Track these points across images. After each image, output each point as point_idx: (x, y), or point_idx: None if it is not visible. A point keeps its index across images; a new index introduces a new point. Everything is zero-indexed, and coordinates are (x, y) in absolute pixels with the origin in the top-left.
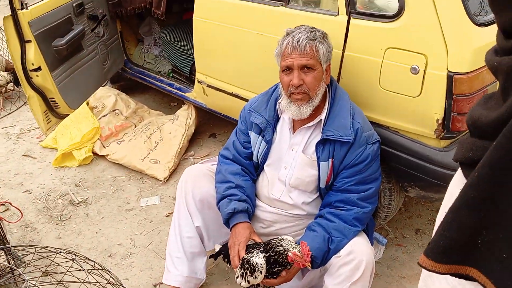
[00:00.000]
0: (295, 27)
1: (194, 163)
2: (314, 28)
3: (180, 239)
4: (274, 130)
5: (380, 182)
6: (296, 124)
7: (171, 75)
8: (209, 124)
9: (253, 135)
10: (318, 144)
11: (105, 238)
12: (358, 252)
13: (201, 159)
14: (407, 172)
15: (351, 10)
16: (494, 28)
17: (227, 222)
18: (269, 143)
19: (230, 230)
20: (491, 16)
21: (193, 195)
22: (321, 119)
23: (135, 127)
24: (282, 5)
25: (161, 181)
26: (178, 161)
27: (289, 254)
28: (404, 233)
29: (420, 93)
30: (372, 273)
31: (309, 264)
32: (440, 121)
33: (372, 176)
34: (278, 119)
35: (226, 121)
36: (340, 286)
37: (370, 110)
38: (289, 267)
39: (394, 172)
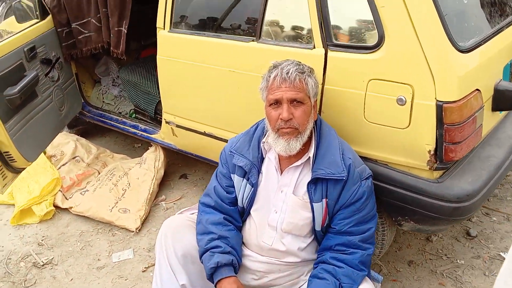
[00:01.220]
0: (281, 60)
1: (167, 208)
2: (300, 62)
3: None
4: (259, 171)
5: (377, 219)
6: (283, 164)
7: (133, 115)
8: (178, 164)
9: (236, 179)
10: (309, 184)
11: None
12: None
13: (174, 203)
14: (401, 206)
15: (328, 42)
16: (476, 53)
17: (211, 278)
18: (255, 186)
19: (215, 286)
20: (472, 41)
21: (174, 250)
22: (309, 157)
23: (99, 174)
24: (253, 40)
25: (132, 231)
26: (149, 208)
27: None
28: (397, 266)
29: (409, 125)
30: None
31: None
32: (432, 152)
33: (370, 214)
34: (262, 159)
35: (195, 160)
36: None
37: (356, 144)
38: None
39: (386, 206)
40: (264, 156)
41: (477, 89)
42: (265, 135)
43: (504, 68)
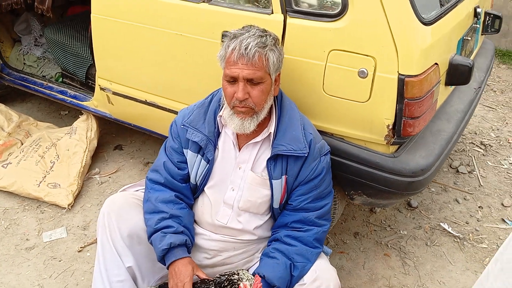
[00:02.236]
0: (243, 28)
1: (102, 183)
2: (265, 31)
3: (109, 285)
4: (215, 147)
5: (333, 195)
6: (241, 139)
7: (60, 80)
8: (111, 134)
9: (190, 154)
10: (269, 160)
11: None
12: (323, 277)
13: (109, 177)
14: (355, 181)
15: (287, 8)
16: (438, 26)
17: (162, 260)
18: (211, 162)
19: (167, 268)
20: (434, 13)
21: (119, 230)
22: (270, 133)
23: (22, 144)
24: (203, 1)
25: (64, 208)
26: (82, 182)
27: (240, 285)
28: (343, 238)
29: (369, 98)
30: None
31: None
32: (390, 127)
33: (326, 190)
34: (219, 134)
35: (131, 130)
36: None
37: (313, 117)
38: None
39: (339, 180)
40: (220, 131)
41: (436, 63)
42: (222, 107)
43: (458, 42)
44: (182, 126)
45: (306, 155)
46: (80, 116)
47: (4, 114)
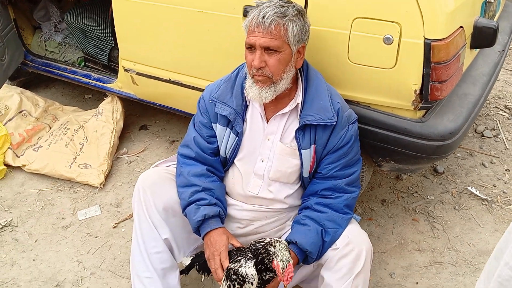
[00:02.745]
0: None
1: (130, 162)
2: (290, 2)
3: (147, 256)
4: (243, 120)
5: (361, 163)
6: (269, 111)
7: (82, 64)
8: (136, 115)
9: (219, 128)
10: (297, 130)
11: (45, 265)
12: (355, 241)
13: (137, 156)
14: (383, 147)
15: None
16: None
17: (197, 231)
18: (240, 135)
19: (203, 239)
20: None
21: (155, 204)
22: (297, 103)
23: (50, 128)
24: None
25: (96, 187)
26: (111, 162)
27: (274, 261)
28: (371, 205)
29: (396, 64)
30: (371, 260)
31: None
32: (418, 92)
33: (355, 158)
34: (246, 107)
35: (155, 110)
36: (342, 281)
37: (339, 86)
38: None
39: (367, 148)
40: (248, 104)
41: (461, 26)
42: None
43: (482, 5)
44: (210, 101)
45: (334, 123)
46: (105, 98)
47: (31, 100)
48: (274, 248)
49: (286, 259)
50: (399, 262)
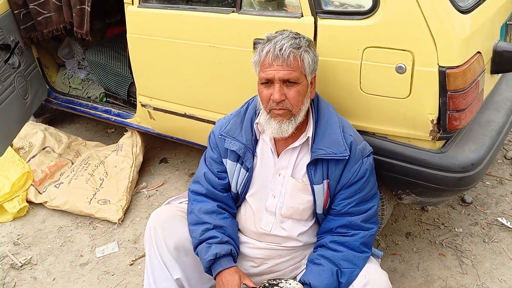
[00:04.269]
0: (276, 32)
1: (149, 196)
2: (299, 34)
3: None
4: (254, 155)
5: (379, 197)
6: (279, 145)
7: (104, 99)
8: (156, 148)
9: (229, 163)
10: (309, 165)
11: None
12: (374, 282)
13: (156, 190)
14: (402, 180)
15: (317, 9)
16: (476, 13)
17: (209, 270)
18: (250, 170)
19: (215, 278)
20: (472, 0)
21: (166, 243)
22: (308, 137)
23: (72, 164)
24: (233, 11)
25: (115, 223)
26: (130, 197)
27: None
28: (395, 239)
29: (410, 94)
30: None
31: None
32: (435, 121)
33: (371, 192)
34: (256, 141)
35: (175, 143)
36: None
37: (352, 117)
38: None
39: (385, 180)
40: (258, 138)
41: (479, 52)
42: (258, 115)
43: (501, 28)
44: (220, 136)
45: (347, 158)
46: (125, 133)
47: (54, 136)
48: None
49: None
50: None
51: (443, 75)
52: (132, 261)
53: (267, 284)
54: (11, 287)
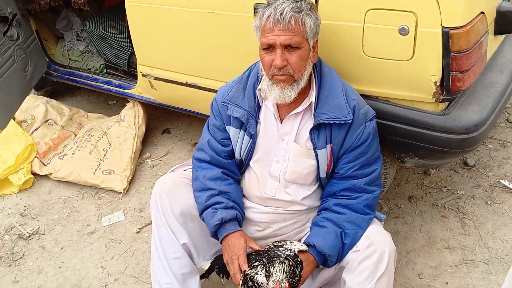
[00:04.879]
0: None
1: (153, 166)
2: None
3: (166, 262)
4: (257, 121)
5: (382, 160)
6: (282, 111)
7: (104, 71)
8: (159, 119)
9: (233, 130)
10: (312, 130)
11: (71, 272)
12: (377, 242)
13: (160, 160)
14: (405, 143)
15: None
16: None
17: (215, 235)
18: (254, 136)
19: (221, 243)
20: None
21: (172, 209)
22: (311, 102)
23: (75, 136)
24: None
25: (120, 193)
26: (134, 167)
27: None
28: (397, 203)
29: (413, 56)
30: (395, 261)
31: None
32: (438, 83)
33: (374, 156)
34: (259, 108)
35: (177, 113)
36: (365, 284)
37: (355, 82)
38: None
39: (389, 144)
40: (261, 104)
41: (482, 12)
42: (260, 81)
43: None
44: (222, 103)
45: (350, 121)
46: (126, 104)
47: (56, 109)
48: (273, 268)
49: (279, 280)
50: (427, 261)
51: (446, 35)
52: (138, 229)
53: (272, 246)
54: (20, 257)
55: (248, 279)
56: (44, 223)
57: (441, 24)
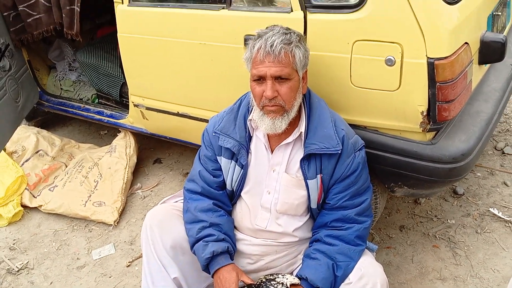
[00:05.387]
0: (266, 28)
1: (144, 197)
2: (289, 29)
3: None
4: (248, 151)
5: (372, 190)
6: (273, 141)
7: (96, 101)
8: (150, 148)
9: (224, 161)
10: (302, 160)
11: None
12: (369, 274)
13: (151, 190)
14: (394, 172)
15: (306, 4)
16: (463, 4)
17: (206, 268)
18: (245, 167)
19: (212, 276)
20: None
21: (162, 242)
22: (301, 132)
23: (66, 167)
24: (223, 8)
25: (111, 225)
26: (125, 198)
27: None
28: (389, 233)
29: (400, 86)
30: None
31: None
32: (425, 113)
33: (364, 186)
34: (250, 138)
35: (168, 143)
36: None
37: (344, 111)
38: None
39: (378, 173)
40: (251, 135)
41: (466, 43)
42: (251, 111)
43: (488, 19)
44: (213, 134)
45: (339, 152)
46: (118, 134)
47: (47, 139)
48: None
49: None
50: None
51: (431, 66)
52: (129, 262)
53: (264, 280)
54: None
55: None
56: (33, 257)
57: (426, 55)
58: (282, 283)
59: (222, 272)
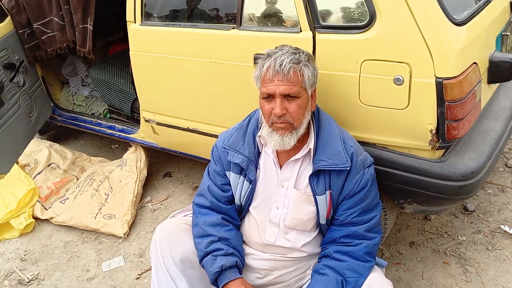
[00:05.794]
0: (276, 47)
1: (154, 210)
2: (298, 49)
3: None
4: (256, 167)
5: (381, 207)
6: (282, 158)
7: (108, 116)
8: (160, 162)
9: (232, 176)
10: (311, 176)
11: None
12: None
13: (161, 204)
14: (403, 189)
15: (315, 24)
16: (471, 25)
17: (215, 282)
18: (254, 182)
19: None
20: (466, 13)
21: (171, 256)
22: (310, 149)
23: (77, 180)
24: (233, 28)
25: (120, 237)
26: (135, 211)
27: None
28: (399, 249)
29: (408, 105)
30: None
31: None
32: (434, 131)
33: (373, 202)
34: (259, 154)
35: (178, 157)
36: None
37: (353, 129)
38: None
39: (387, 190)
40: (260, 150)
41: (475, 62)
42: (260, 128)
43: (496, 39)
44: (222, 149)
45: (348, 168)
46: (129, 148)
47: (59, 153)
48: None
49: None
50: None
51: (440, 85)
52: (138, 274)
53: None
54: None
55: None
56: (44, 268)
57: (435, 75)
58: None
59: (230, 286)
